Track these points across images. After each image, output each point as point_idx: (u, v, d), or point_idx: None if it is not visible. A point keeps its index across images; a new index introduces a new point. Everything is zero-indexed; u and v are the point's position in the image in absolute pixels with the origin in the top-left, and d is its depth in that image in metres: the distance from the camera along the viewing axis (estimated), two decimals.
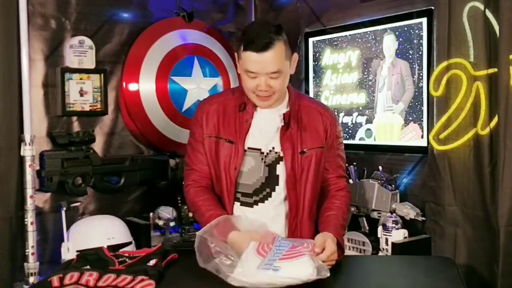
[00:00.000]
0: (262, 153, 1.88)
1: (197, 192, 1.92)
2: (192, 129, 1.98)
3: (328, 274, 1.58)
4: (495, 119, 2.12)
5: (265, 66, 1.76)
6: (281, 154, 1.87)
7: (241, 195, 1.90)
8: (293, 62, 1.87)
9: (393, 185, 2.56)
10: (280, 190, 1.89)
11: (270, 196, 1.89)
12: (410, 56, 2.67)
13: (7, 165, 2.40)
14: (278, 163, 1.88)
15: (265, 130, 1.90)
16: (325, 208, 1.91)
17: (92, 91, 2.84)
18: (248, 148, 1.88)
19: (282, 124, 1.88)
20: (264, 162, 1.88)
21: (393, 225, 2.38)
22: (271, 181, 1.89)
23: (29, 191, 2.43)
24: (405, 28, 2.68)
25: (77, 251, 2.27)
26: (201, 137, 1.92)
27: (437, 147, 2.35)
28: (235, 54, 1.88)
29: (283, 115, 1.89)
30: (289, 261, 1.59)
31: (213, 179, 1.93)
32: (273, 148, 1.88)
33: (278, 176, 1.88)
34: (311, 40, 3.19)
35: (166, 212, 2.82)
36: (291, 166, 1.86)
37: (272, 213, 1.89)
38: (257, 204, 1.90)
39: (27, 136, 2.44)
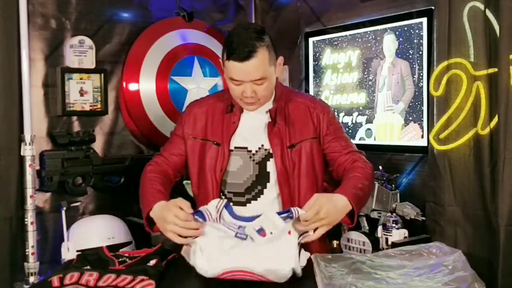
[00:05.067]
0: (250, 151, 1.89)
1: (151, 170, 1.96)
2: (176, 126, 2.04)
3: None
4: (495, 119, 2.11)
5: (249, 74, 1.77)
6: (271, 151, 1.88)
7: (233, 195, 1.91)
8: (278, 65, 1.88)
9: (393, 185, 2.56)
10: (272, 187, 1.89)
11: (262, 194, 1.90)
12: (410, 56, 2.67)
13: (7, 165, 2.40)
14: (268, 160, 1.89)
15: (253, 128, 1.91)
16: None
17: (92, 91, 2.84)
18: (235, 147, 1.90)
19: (269, 120, 1.89)
20: (253, 160, 1.89)
21: (393, 225, 2.37)
22: (261, 178, 1.90)
23: (29, 191, 2.43)
24: (405, 28, 2.68)
25: (77, 251, 2.27)
26: (181, 132, 1.97)
27: (437, 147, 2.35)
28: (220, 60, 1.90)
29: (269, 111, 1.90)
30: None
31: (198, 180, 1.94)
32: (262, 145, 1.89)
33: (269, 173, 1.89)
34: (311, 40, 3.18)
35: None
36: (281, 161, 1.87)
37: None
38: (250, 202, 1.90)
39: (27, 136, 2.44)
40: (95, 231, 2.51)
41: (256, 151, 1.89)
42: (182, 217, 1.66)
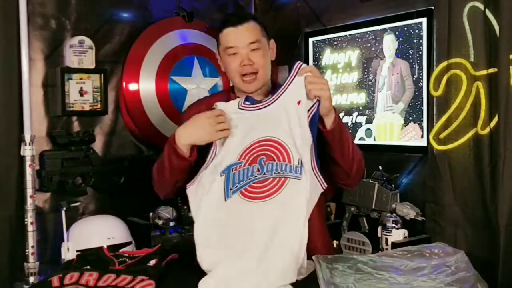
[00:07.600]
0: None
1: None
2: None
3: None
4: (495, 119, 2.12)
5: (243, 38, 1.83)
6: None
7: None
8: (271, 50, 1.93)
9: (393, 185, 2.56)
10: None
11: None
12: (410, 56, 2.67)
13: (7, 165, 2.40)
14: None
15: None
16: None
17: (92, 91, 2.84)
18: None
19: None
20: None
21: (393, 225, 2.38)
22: None
23: (29, 191, 2.43)
24: (405, 28, 2.68)
25: (77, 251, 2.27)
26: None
27: (437, 147, 2.36)
28: (217, 52, 1.95)
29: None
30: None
31: None
32: None
33: None
34: (311, 40, 3.19)
35: (166, 212, 2.82)
36: None
37: None
38: None
39: (27, 136, 2.43)
40: (95, 231, 2.51)
41: None
42: (216, 113, 1.72)
